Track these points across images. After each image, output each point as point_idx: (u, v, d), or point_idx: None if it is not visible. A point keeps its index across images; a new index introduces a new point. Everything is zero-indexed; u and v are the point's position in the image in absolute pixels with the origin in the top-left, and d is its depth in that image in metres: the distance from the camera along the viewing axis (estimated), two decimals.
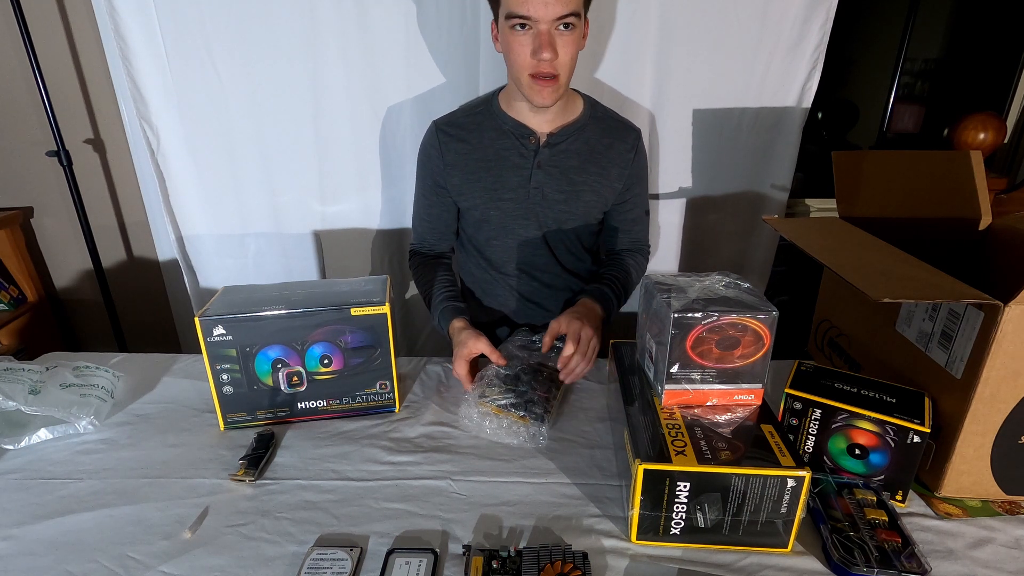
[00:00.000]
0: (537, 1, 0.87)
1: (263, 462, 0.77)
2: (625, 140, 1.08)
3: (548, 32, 0.90)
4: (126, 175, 1.57)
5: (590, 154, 1.05)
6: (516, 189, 1.05)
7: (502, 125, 1.05)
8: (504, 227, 1.09)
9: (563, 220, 1.08)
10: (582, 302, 1.00)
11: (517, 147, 1.04)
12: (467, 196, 1.07)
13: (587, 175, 1.06)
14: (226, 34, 1.27)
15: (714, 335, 0.67)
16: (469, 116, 1.07)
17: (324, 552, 0.62)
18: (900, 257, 0.72)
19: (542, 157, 1.04)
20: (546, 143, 1.04)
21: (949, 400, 0.69)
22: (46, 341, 1.71)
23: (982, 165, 0.87)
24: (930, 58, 1.97)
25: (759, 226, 1.52)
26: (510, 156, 1.04)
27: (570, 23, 0.90)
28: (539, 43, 0.90)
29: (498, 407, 0.84)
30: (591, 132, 1.06)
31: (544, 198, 1.06)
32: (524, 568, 0.59)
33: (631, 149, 1.08)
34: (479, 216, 1.09)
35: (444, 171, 1.07)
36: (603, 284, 1.06)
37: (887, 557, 0.59)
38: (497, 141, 1.05)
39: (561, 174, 1.05)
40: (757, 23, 1.29)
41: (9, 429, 0.81)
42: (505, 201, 1.06)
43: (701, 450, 0.62)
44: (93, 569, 0.61)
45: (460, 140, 1.06)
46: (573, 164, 1.05)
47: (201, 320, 0.78)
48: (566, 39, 0.92)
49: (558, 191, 1.06)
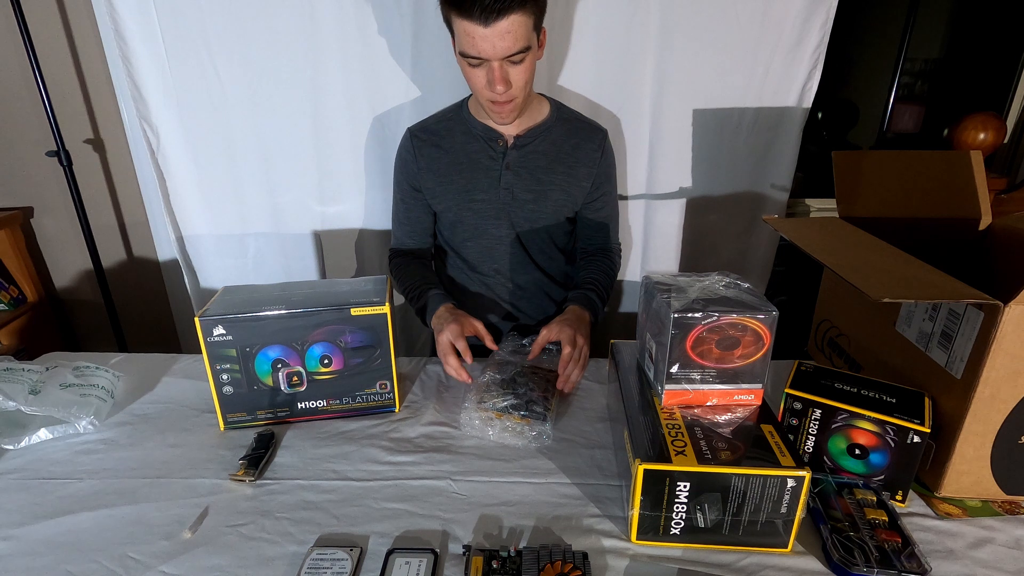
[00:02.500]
0: (486, 45, 0.90)
1: (263, 462, 0.77)
2: (591, 140, 1.11)
3: (500, 67, 0.93)
4: (126, 175, 1.57)
5: (557, 154, 1.09)
6: (487, 190, 1.08)
7: (472, 129, 1.08)
8: (477, 228, 1.12)
9: (534, 219, 1.11)
10: (570, 309, 1.02)
11: (487, 150, 1.08)
12: (441, 198, 1.10)
13: (555, 175, 1.09)
14: (226, 34, 1.27)
15: (714, 335, 0.67)
16: (441, 122, 1.11)
17: (324, 552, 0.62)
18: (900, 257, 0.72)
19: (511, 158, 1.07)
20: (514, 145, 1.07)
21: (949, 400, 0.69)
22: (46, 341, 1.71)
23: (982, 165, 0.87)
24: (930, 58, 1.97)
25: (759, 226, 1.52)
26: (480, 159, 1.08)
27: (520, 58, 0.93)
28: (492, 77, 0.93)
29: (499, 411, 0.84)
30: (557, 133, 1.09)
31: (514, 198, 1.09)
32: (524, 568, 0.59)
33: (598, 149, 1.11)
34: (453, 218, 1.12)
35: (419, 175, 1.10)
36: (587, 289, 1.07)
37: (887, 557, 0.59)
38: (468, 145, 1.08)
39: (529, 174, 1.08)
40: (757, 23, 1.29)
41: (9, 429, 0.81)
42: (477, 202, 1.09)
43: (701, 450, 0.62)
44: (93, 569, 0.61)
45: (433, 145, 1.09)
46: (541, 164, 1.08)
47: (201, 320, 0.78)
48: (518, 69, 0.94)
49: (527, 191, 1.08)
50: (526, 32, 0.91)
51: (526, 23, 0.90)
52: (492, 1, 0.85)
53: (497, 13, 0.86)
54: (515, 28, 0.88)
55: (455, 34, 0.93)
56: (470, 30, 0.89)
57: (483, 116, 1.08)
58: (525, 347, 0.98)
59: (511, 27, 0.88)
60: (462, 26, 0.89)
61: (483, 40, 0.89)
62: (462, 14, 0.88)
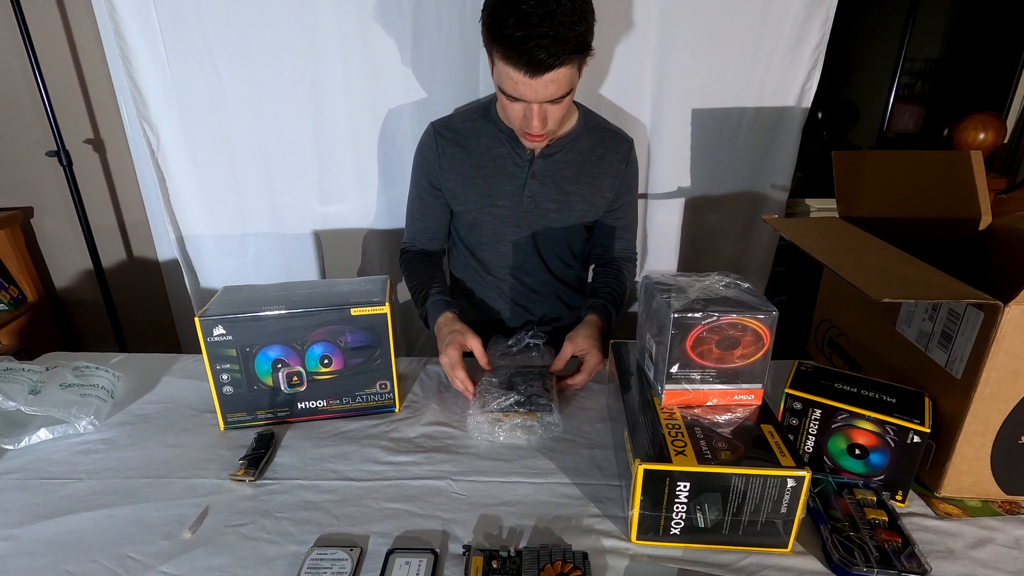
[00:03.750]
0: (528, 91, 0.87)
1: (263, 462, 0.77)
2: (617, 151, 1.09)
3: (540, 108, 0.90)
4: (126, 175, 1.57)
5: (583, 164, 1.07)
6: (510, 197, 1.06)
7: (498, 133, 1.05)
8: (496, 232, 1.10)
9: (554, 227, 1.10)
10: (590, 320, 1.00)
11: (512, 156, 1.05)
12: (461, 200, 1.08)
13: (579, 185, 1.07)
14: (226, 34, 1.27)
15: (714, 335, 0.67)
16: (466, 121, 1.08)
17: (324, 552, 0.62)
18: (900, 257, 0.72)
19: (536, 167, 1.05)
20: (541, 153, 1.05)
21: (949, 400, 0.69)
22: (46, 341, 1.71)
23: (982, 165, 0.87)
24: (930, 58, 1.97)
25: (759, 226, 1.52)
26: (505, 164, 1.06)
27: (561, 99, 0.90)
28: (529, 114, 0.91)
29: (504, 410, 0.84)
30: (584, 143, 1.07)
31: (537, 207, 1.07)
32: (524, 568, 0.59)
33: (623, 160, 1.10)
34: (472, 220, 1.10)
35: (440, 173, 1.08)
36: (605, 300, 1.06)
37: (887, 557, 0.59)
38: (493, 148, 1.06)
39: (554, 184, 1.06)
40: (757, 23, 1.29)
41: (9, 429, 0.81)
42: (499, 208, 1.07)
43: (701, 450, 0.62)
44: (93, 569, 0.61)
45: (457, 144, 1.06)
46: (566, 175, 1.06)
47: (201, 320, 0.78)
48: (556, 108, 0.92)
49: (551, 200, 1.07)
50: (570, 79, 0.88)
51: (571, 73, 0.88)
52: (545, 57, 0.82)
53: (547, 69, 0.84)
54: (560, 78, 0.86)
55: (495, 68, 0.90)
56: (513, 76, 0.86)
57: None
58: (511, 348, 0.98)
59: (556, 77, 0.85)
60: (505, 69, 0.86)
61: (526, 87, 0.86)
62: (507, 62, 0.85)
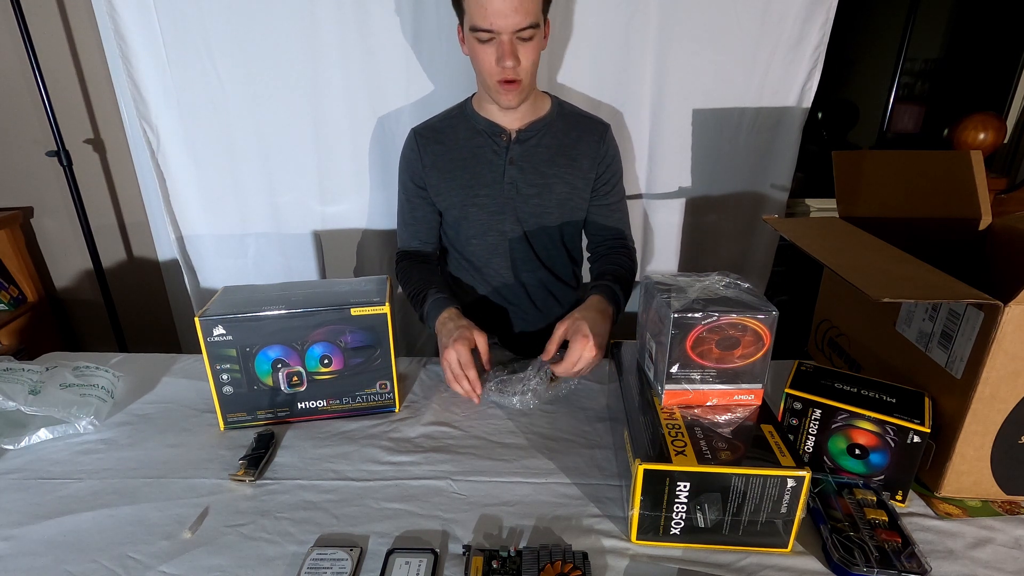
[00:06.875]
0: (498, 17, 0.93)
1: (263, 462, 0.77)
2: (593, 132, 1.12)
3: (510, 42, 0.96)
4: (126, 175, 1.57)
5: (559, 147, 1.09)
6: (491, 185, 1.09)
7: (475, 125, 1.10)
8: (482, 224, 1.11)
9: (539, 215, 1.11)
10: (590, 301, 0.96)
11: (490, 144, 1.09)
12: (445, 195, 1.11)
13: (558, 167, 1.09)
14: (226, 34, 1.28)
15: (714, 335, 0.67)
16: (444, 120, 1.13)
17: (324, 552, 0.62)
18: (900, 257, 0.72)
19: (514, 153, 1.08)
20: (516, 139, 1.08)
21: (949, 400, 0.69)
22: (46, 341, 1.71)
23: (982, 165, 0.87)
24: (930, 58, 1.97)
25: (759, 226, 1.52)
26: (484, 153, 1.09)
27: (530, 34, 0.96)
28: (502, 52, 0.96)
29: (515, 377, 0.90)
30: (559, 127, 1.10)
31: (518, 192, 1.09)
32: (524, 568, 0.58)
33: (600, 140, 1.12)
34: (458, 214, 1.11)
35: (423, 173, 1.11)
36: (608, 280, 1.02)
37: (887, 557, 0.59)
38: (471, 140, 1.09)
39: (533, 168, 1.09)
40: (757, 23, 1.29)
41: (9, 429, 0.81)
42: (481, 197, 1.09)
43: (701, 450, 0.62)
44: (93, 569, 0.61)
45: (437, 142, 1.10)
46: (544, 157, 1.09)
47: (201, 320, 0.78)
48: (527, 47, 0.97)
49: (531, 185, 1.09)
50: (536, 8, 0.95)
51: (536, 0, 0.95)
52: None
53: None
54: (527, 2, 0.92)
55: (465, 10, 0.96)
56: (483, 1, 0.92)
57: (486, 112, 1.08)
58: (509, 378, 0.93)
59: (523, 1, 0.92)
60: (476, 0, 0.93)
61: (496, 13, 0.92)
62: None
